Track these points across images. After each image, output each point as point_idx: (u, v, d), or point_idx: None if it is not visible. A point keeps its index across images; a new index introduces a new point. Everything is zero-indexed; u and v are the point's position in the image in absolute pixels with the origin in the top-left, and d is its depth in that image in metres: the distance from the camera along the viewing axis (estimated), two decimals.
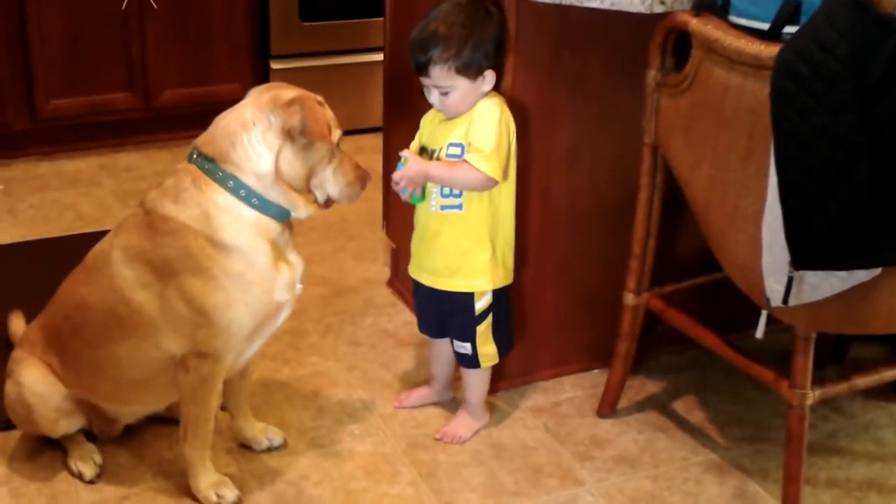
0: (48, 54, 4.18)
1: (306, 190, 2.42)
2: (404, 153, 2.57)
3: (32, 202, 4.01)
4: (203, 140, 2.39)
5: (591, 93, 2.80)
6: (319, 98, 2.41)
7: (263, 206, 2.36)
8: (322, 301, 3.41)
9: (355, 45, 4.57)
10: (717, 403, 2.98)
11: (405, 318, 3.32)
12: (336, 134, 2.41)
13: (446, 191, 2.60)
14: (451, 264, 2.65)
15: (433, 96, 2.56)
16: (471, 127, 2.53)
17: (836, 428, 2.89)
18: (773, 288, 2.28)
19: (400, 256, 3.34)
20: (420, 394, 2.94)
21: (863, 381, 2.50)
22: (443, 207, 2.61)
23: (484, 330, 2.71)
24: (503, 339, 2.76)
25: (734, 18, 2.29)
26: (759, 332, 2.37)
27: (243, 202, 2.34)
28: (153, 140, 4.46)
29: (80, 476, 2.60)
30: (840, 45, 2.02)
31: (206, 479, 2.53)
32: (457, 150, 2.55)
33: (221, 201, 2.33)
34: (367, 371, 3.07)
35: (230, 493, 2.53)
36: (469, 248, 2.63)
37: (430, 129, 2.65)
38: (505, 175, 2.56)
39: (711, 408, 2.97)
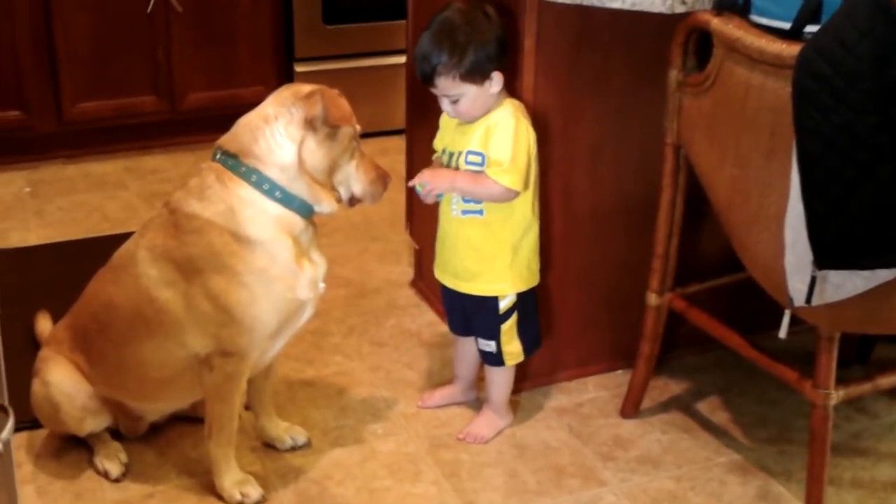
0: (74, 58, 4.21)
1: (329, 184, 2.44)
2: (422, 179, 2.60)
3: (59, 204, 4.04)
4: (226, 139, 2.42)
5: (613, 93, 2.80)
6: (338, 91, 2.44)
7: (287, 199, 2.37)
8: (346, 302, 3.43)
9: (378, 48, 4.58)
10: (740, 404, 2.98)
11: (428, 319, 3.33)
12: (357, 127, 2.44)
13: (473, 199, 2.61)
14: (473, 268, 2.66)
15: (445, 104, 2.57)
16: (488, 138, 2.54)
17: (861, 428, 2.88)
18: (797, 287, 2.28)
19: (423, 257, 3.35)
20: (443, 393, 2.94)
21: (887, 381, 2.49)
22: (464, 212, 2.62)
23: (508, 328, 2.71)
24: (529, 336, 2.77)
25: (755, 18, 2.29)
26: (783, 332, 2.37)
27: (267, 196, 2.36)
28: (178, 143, 4.49)
29: (105, 474, 2.62)
30: (861, 44, 2.02)
31: (231, 478, 2.55)
32: (476, 159, 2.56)
33: (245, 196, 2.36)
34: (390, 371, 3.08)
35: (254, 491, 2.55)
36: (490, 253, 2.64)
37: (449, 130, 2.66)
38: (526, 184, 2.56)
39: (735, 408, 2.96)
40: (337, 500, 2.58)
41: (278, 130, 2.37)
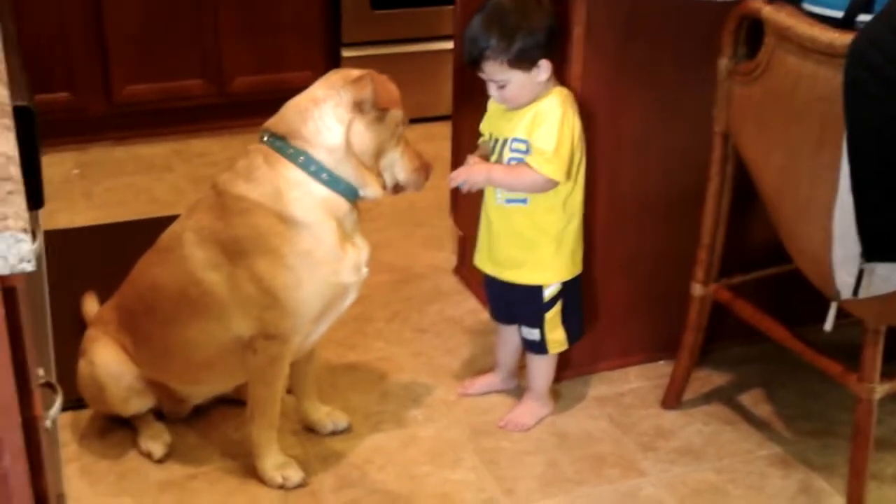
0: (124, 40, 4.24)
1: (376, 169, 2.45)
2: (458, 178, 2.61)
3: (107, 186, 4.08)
4: (273, 121, 2.44)
5: (662, 82, 2.78)
6: (386, 77, 2.45)
7: (333, 181, 2.38)
8: (389, 287, 3.43)
9: (426, 34, 4.58)
10: (784, 397, 2.96)
11: (471, 306, 3.33)
12: (400, 112, 2.45)
13: (512, 191, 2.61)
14: (517, 257, 2.66)
15: (492, 89, 2.56)
16: (534, 126, 2.53)
17: None
18: (844, 280, 2.25)
19: (467, 244, 3.35)
20: (484, 381, 2.94)
21: None
22: (507, 200, 2.62)
23: (553, 316, 2.71)
24: (573, 325, 2.76)
25: (807, 6, 2.27)
26: (829, 325, 2.34)
27: (313, 178, 2.37)
28: (226, 126, 4.51)
29: (149, 455, 2.65)
30: None
31: (273, 461, 2.56)
32: (521, 146, 2.55)
33: (292, 177, 2.37)
34: (432, 357, 3.09)
35: (295, 474, 2.56)
36: (533, 242, 2.63)
37: (496, 115, 2.66)
38: (568, 175, 2.55)
39: (778, 401, 2.94)
40: (377, 485, 2.59)
41: (327, 112, 2.38)
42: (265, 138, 2.42)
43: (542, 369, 2.80)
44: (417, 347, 3.13)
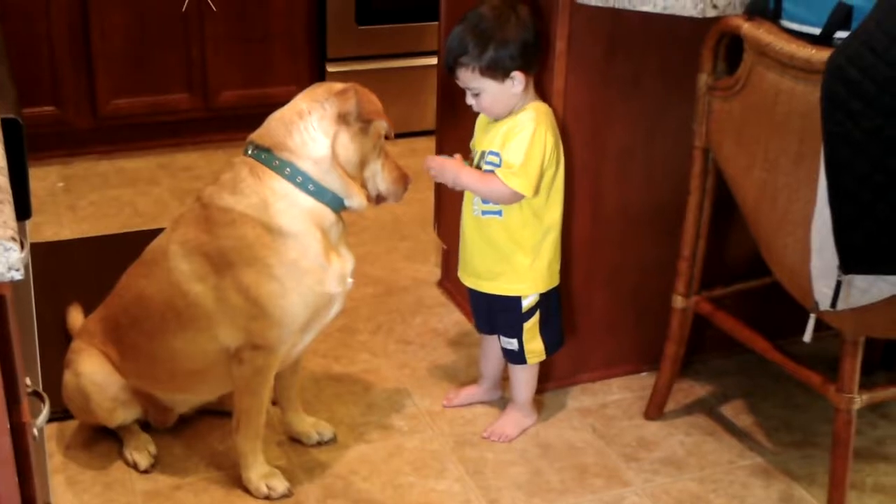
0: (110, 54, 4.26)
1: (360, 179, 2.49)
2: (431, 164, 2.68)
3: (92, 199, 4.09)
4: (258, 134, 2.46)
5: (644, 96, 2.81)
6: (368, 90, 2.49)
7: (319, 192, 2.41)
8: (373, 300, 3.45)
9: (411, 49, 4.61)
10: (765, 408, 2.99)
11: (455, 318, 3.35)
12: (384, 125, 2.49)
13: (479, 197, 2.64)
14: (494, 268, 2.69)
15: (469, 98, 2.61)
16: (505, 139, 2.56)
17: (885, 434, 2.88)
18: (822, 291, 2.28)
19: (451, 257, 3.37)
20: (468, 392, 2.97)
21: None
22: (483, 213, 2.65)
23: (531, 327, 2.73)
24: (551, 335, 2.79)
25: (786, 23, 2.30)
26: (808, 336, 2.38)
27: (300, 188, 2.40)
28: (211, 140, 4.53)
29: (135, 466, 2.66)
30: (891, 50, 2.03)
31: (258, 471, 2.58)
32: (495, 159, 2.59)
33: (279, 188, 2.40)
34: (416, 369, 3.11)
35: (280, 484, 2.58)
36: (509, 254, 2.66)
37: (480, 129, 2.70)
38: (536, 191, 2.57)
39: (760, 412, 2.97)
40: (362, 494, 2.61)
41: (312, 125, 2.41)
42: (250, 151, 2.45)
43: (523, 380, 2.83)
44: (402, 359, 3.15)
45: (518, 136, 2.55)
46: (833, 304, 2.27)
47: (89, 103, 4.31)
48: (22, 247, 1.55)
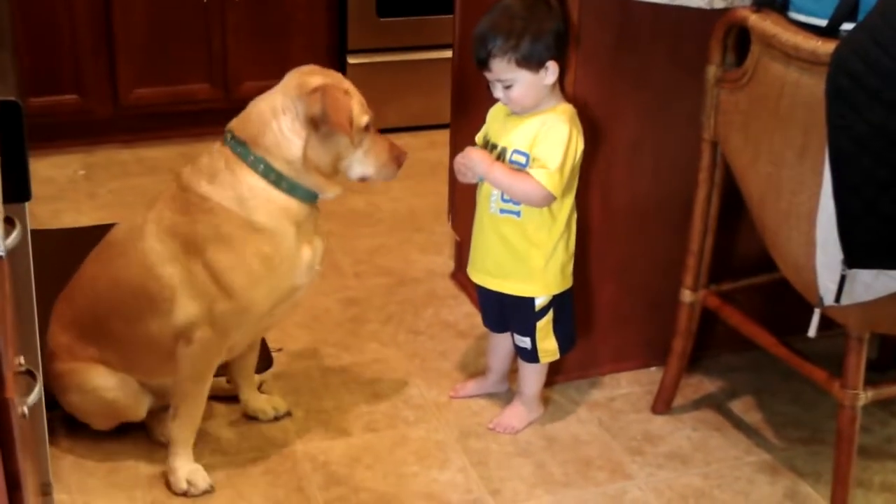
0: (132, 44, 4.29)
1: (334, 173, 2.49)
2: (466, 153, 2.62)
3: (112, 187, 4.12)
4: (237, 124, 2.47)
5: (654, 88, 2.80)
6: (346, 85, 2.47)
7: (292, 188, 2.43)
8: (385, 290, 3.46)
9: (431, 42, 4.60)
10: (774, 404, 2.97)
11: (466, 310, 3.35)
12: (363, 119, 2.46)
13: (506, 195, 2.61)
14: (506, 266, 2.68)
15: (497, 90, 2.58)
16: (538, 140, 2.54)
17: (895, 432, 2.85)
18: (827, 286, 2.27)
19: (464, 249, 3.36)
20: (475, 384, 2.96)
21: None
22: (501, 211, 2.63)
23: (544, 325, 2.72)
24: (564, 335, 2.78)
25: (793, 15, 2.29)
26: (812, 331, 2.36)
27: (273, 185, 2.41)
28: None
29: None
30: None
31: (185, 465, 2.55)
32: (521, 159, 2.57)
33: (254, 184, 2.40)
34: (425, 360, 3.11)
35: (203, 482, 2.55)
36: (523, 254, 2.65)
37: (498, 123, 2.67)
38: (564, 193, 2.57)
39: (768, 408, 2.95)
40: (364, 483, 2.62)
41: (285, 125, 2.40)
42: (229, 139, 2.45)
43: (533, 376, 2.82)
44: (411, 350, 3.16)
45: (554, 138, 2.53)
46: (837, 299, 2.25)
47: (111, 92, 4.34)
48: (13, 227, 1.57)
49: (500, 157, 2.60)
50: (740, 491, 2.64)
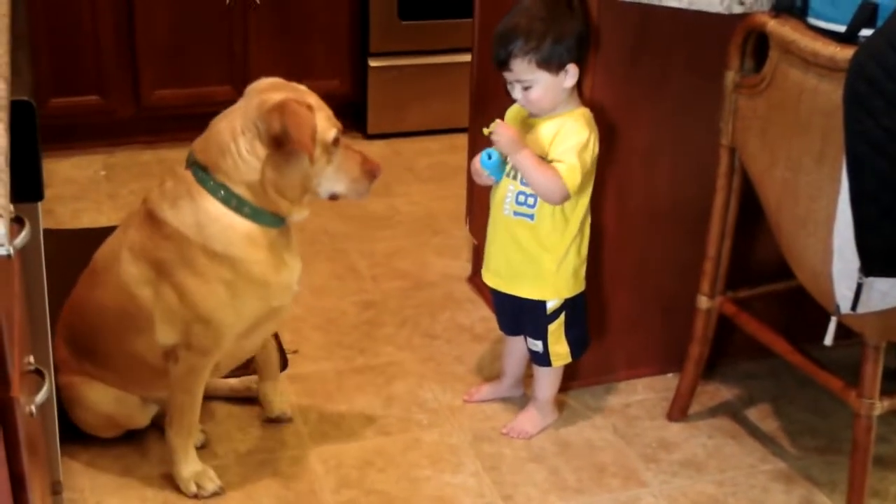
0: (154, 46, 4.30)
1: (302, 195, 2.40)
2: (497, 128, 2.53)
3: (133, 188, 4.13)
4: (198, 146, 2.41)
5: (672, 93, 2.78)
6: (311, 100, 2.38)
7: (255, 214, 2.36)
8: (401, 294, 3.45)
9: (453, 45, 4.58)
10: (791, 413, 2.94)
11: (482, 314, 3.34)
12: (330, 134, 2.36)
13: (521, 198, 2.60)
14: (518, 269, 2.67)
15: (516, 91, 2.57)
16: (557, 142, 2.52)
17: None
18: (843, 294, 2.25)
19: (481, 253, 3.35)
20: (490, 388, 2.95)
21: None
22: (515, 213, 2.62)
23: (555, 329, 2.71)
24: (577, 339, 2.76)
25: (812, 20, 2.27)
26: (829, 339, 2.34)
27: (235, 212, 2.34)
28: None
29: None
30: None
31: (189, 468, 2.55)
32: None
33: (213, 211, 2.34)
34: (440, 363, 3.10)
35: (211, 483, 2.55)
36: (535, 257, 2.63)
37: (514, 126, 2.66)
38: (578, 195, 2.57)
39: (785, 417, 2.93)
40: (376, 485, 2.61)
41: (244, 147, 2.32)
42: (191, 161, 2.39)
43: (547, 380, 2.81)
44: (426, 353, 3.15)
45: (573, 138, 2.51)
46: (854, 307, 2.23)
47: (133, 93, 4.36)
48: (22, 226, 1.57)
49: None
50: (755, 499, 2.62)
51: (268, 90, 2.38)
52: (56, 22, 4.19)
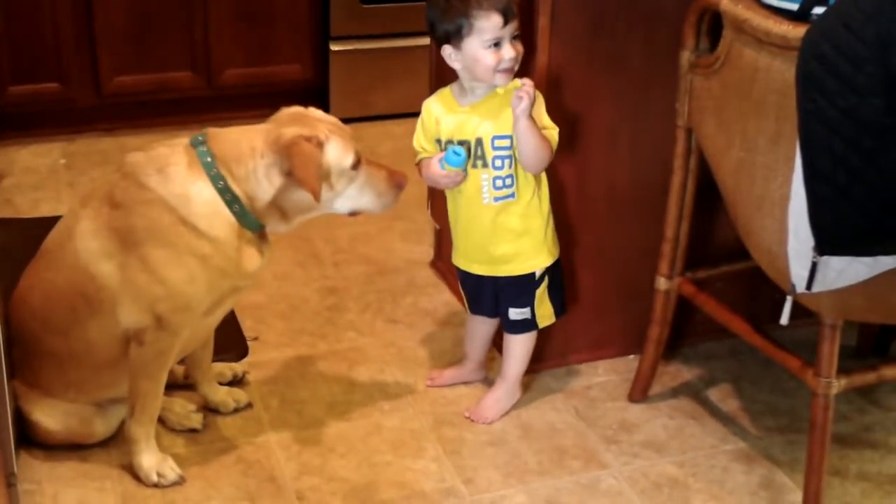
0: (113, 32, 4.26)
1: (301, 215, 2.45)
2: (528, 86, 2.50)
3: (93, 176, 4.09)
4: (214, 136, 2.40)
5: (631, 74, 2.78)
6: (324, 130, 2.38)
7: (242, 215, 2.38)
8: (364, 279, 3.44)
9: (415, 29, 4.54)
10: (752, 393, 2.95)
11: (445, 299, 3.33)
12: (346, 161, 2.40)
13: (498, 183, 2.60)
14: (511, 251, 2.67)
15: (505, 48, 2.48)
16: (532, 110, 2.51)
17: (873, 421, 2.84)
18: (799, 273, 2.25)
19: (443, 237, 3.35)
20: (452, 373, 2.95)
21: (892, 372, 2.44)
22: (496, 199, 2.62)
23: (541, 292, 2.73)
24: (558, 299, 2.78)
25: None
26: (784, 319, 2.34)
27: (226, 204, 2.35)
28: (214, 119, 4.49)
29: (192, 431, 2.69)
30: (867, 27, 1.99)
31: (150, 458, 2.53)
32: (506, 143, 2.56)
33: (206, 193, 2.34)
34: (402, 349, 3.09)
35: (171, 472, 2.53)
36: (526, 230, 2.65)
37: (450, 121, 2.63)
38: None
39: (746, 397, 2.93)
40: (338, 471, 2.60)
41: (261, 168, 2.35)
42: (199, 145, 2.37)
43: (519, 354, 2.78)
44: (388, 338, 3.14)
45: (540, 103, 2.55)
46: (809, 286, 2.23)
47: (93, 80, 4.32)
48: None
49: (476, 149, 2.58)
50: (715, 480, 2.63)
51: (287, 122, 2.40)
52: (14, 8, 4.15)
